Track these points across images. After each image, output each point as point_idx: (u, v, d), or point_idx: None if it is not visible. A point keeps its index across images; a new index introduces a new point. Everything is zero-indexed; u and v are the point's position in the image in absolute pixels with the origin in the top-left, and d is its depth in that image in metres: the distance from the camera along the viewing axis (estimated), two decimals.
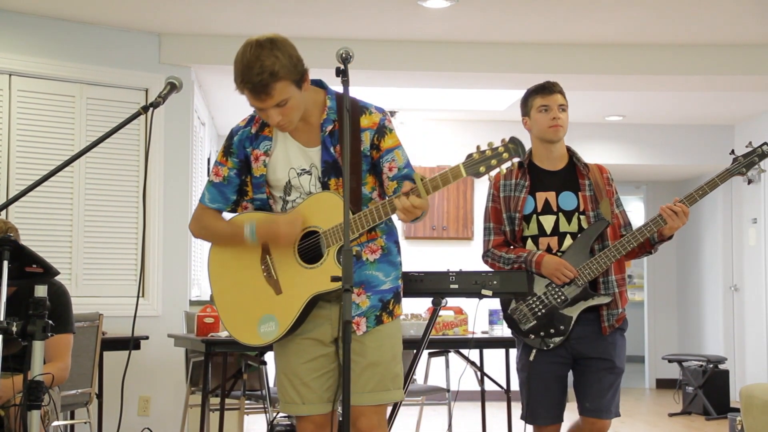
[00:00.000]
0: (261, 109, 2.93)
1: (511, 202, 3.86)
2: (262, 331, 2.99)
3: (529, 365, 3.84)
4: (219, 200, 3.12)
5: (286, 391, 3.06)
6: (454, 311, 5.71)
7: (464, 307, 5.71)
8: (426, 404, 6.63)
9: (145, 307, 6.52)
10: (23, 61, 6.20)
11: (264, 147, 3.05)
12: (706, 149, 10.24)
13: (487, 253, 3.94)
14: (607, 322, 3.79)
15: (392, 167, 3.03)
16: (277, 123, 2.93)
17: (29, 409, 2.93)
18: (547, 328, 3.79)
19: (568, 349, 3.81)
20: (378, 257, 3.05)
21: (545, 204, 3.85)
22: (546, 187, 3.87)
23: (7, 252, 3.01)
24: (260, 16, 6.31)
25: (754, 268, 9.83)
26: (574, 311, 3.78)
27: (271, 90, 2.86)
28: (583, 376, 3.85)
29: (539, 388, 3.84)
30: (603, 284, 3.80)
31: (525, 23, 6.56)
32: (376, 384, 3.00)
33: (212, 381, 5.49)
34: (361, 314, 3.00)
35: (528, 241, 3.86)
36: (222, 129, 9.91)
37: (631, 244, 3.75)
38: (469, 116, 9.79)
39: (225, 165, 3.10)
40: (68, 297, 4.16)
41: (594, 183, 3.86)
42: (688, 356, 9.50)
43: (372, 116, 3.05)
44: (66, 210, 6.31)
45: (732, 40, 6.92)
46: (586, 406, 3.82)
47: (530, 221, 3.85)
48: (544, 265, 3.76)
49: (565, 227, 3.83)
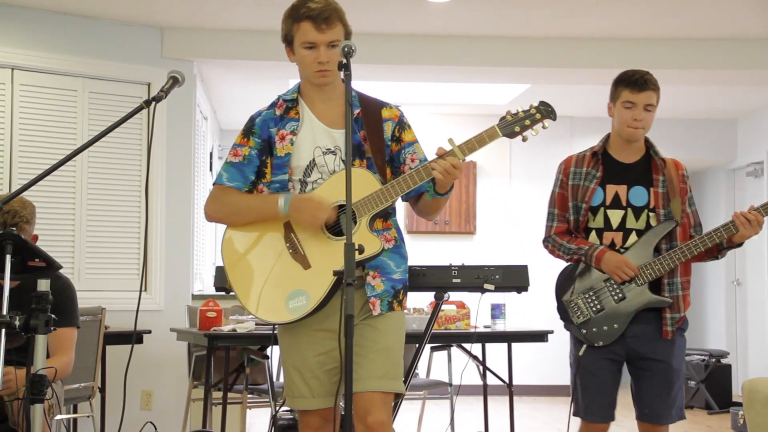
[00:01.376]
0: (312, 46, 2.97)
1: (579, 191, 3.75)
2: (291, 306, 2.95)
3: (578, 360, 3.73)
4: (238, 179, 3.08)
5: (295, 385, 3.04)
6: (456, 305, 5.71)
7: (467, 301, 5.71)
8: (428, 398, 6.64)
9: (148, 301, 6.52)
10: (25, 55, 6.19)
11: (290, 127, 3.06)
12: (709, 144, 10.23)
13: (548, 239, 3.84)
14: (669, 327, 3.67)
15: (414, 158, 3.09)
16: (324, 64, 2.96)
17: (32, 403, 2.93)
18: (601, 325, 3.68)
19: (623, 346, 3.68)
20: (391, 246, 3.07)
21: (615, 197, 3.72)
22: (618, 179, 3.73)
23: (9, 246, 3.01)
24: (263, 10, 6.31)
25: (756, 263, 9.82)
26: (631, 311, 3.66)
27: (332, 23, 2.96)
28: (640, 379, 3.72)
29: (589, 385, 3.71)
30: (668, 285, 3.68)
31: (527, 17, 6.55)
32: (387, 370, 2.98)
33: (215, 375, 5.50)
34: (377, 296, 3.01)
35: (592, 234, 3.75)
36: (224, 123, 9.91)
37: (698, 248, 3.64)
38: (472, 110, 9.78)
39: (245, 145, 3.09)
40: (73, 291, 4.16)
41: (668, 179, 3.72)
42: (690, 350, 9.47)
43: (392, 110, 3.13)
44: (68, 204, 6.31)
45: (735, 34, 6.91)
46: (645, 412, 3.70)
47: (597, 213, 3.72)
48: (604, 261, 3.65)
49: (632, 224, 3.70)
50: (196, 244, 7.23)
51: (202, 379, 5.74)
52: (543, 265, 5.49)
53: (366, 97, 3.14)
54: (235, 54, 6.94)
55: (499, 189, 10.08)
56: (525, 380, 9.03)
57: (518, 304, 7.43)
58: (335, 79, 3.07)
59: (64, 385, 4.61)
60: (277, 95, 3.16)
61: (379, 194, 2.96)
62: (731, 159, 10.21)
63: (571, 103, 9.31)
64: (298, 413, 3.13)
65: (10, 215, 3.90)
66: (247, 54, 6.93)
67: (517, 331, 5.85)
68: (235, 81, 7.91)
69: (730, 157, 10.23)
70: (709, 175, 10.81)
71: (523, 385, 8.70)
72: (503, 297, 6.46)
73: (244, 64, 7.17)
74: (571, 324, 3.76)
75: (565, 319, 3.80)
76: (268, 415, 5.69)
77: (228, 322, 5.42)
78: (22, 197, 3.78)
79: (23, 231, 3.95)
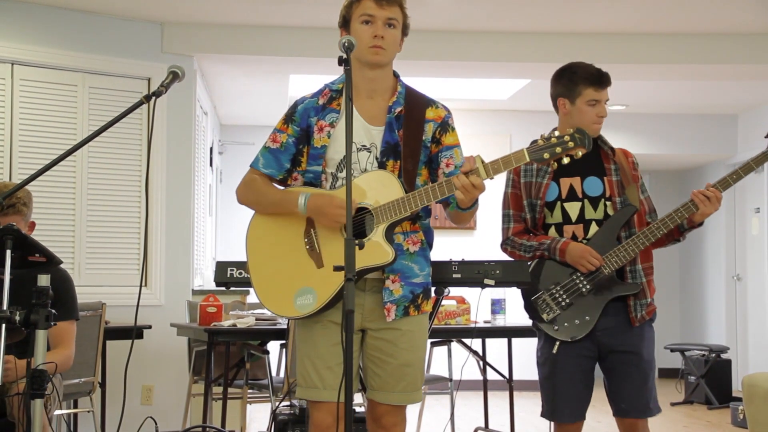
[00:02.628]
0: (370, 20, 2.98)
1: (533, 188, 3.70)
2: (298, 303, 2.95)
3: (552, 358, 3.65)
4: (273, 166, 3.08)
5: (308, 375, 3.02)
6: (456, 301, 5.72)
7: (467, 296, 5.71)
8: (428, 393, 6.64)
9: (148, 296, 6.52)
10: (25, 50, 6.19)
11: (330, 119, 3.05)
12: (710, 139, 10.23)
13: (507, 241, 3.78)
14: (635, 314, 3.62)
15: (450, 163, 3.06)
16: (379, 39, 2.96)
17: (32, 398, 2.93)
18: (572, 319, 3.62)
19: (594, 341, 3.62)
20: (417, 249, 3.06)
21: (570, 190, 3.67)
22: (570, 172, 3.63)
23: (9, 241, 3.00)
24: (262, 5, 6.30)
25: (756, 258, 9.83)
26: (600, 301, 3.60)
27: (394, 2, 2.98)
28: (613, 374, 3.65)
29: (565, 383, 3.63)
30: (630, 273, 3.63)
31: (528, 13, 6.55)
32: (407, 385, 3.01)
33: (215, 370, 5.50)
34: (393, 301, 2.99)
35: (551, 229, 3.69)
36: (224, 118, 9.91)
37: (660, 230, 3.60)
38: (473, 105, 9.78)
39: (284, 132, 3.08)
40: (72, 283, 4.15)
41: (620, 167, 3.69)
42: (690, 346, 9.50)
43: (438, 110, 3.10)
44: (69, 199, 6.31)
45: (735, 28, 6.90)
46: (622, 407, 3.63)
47: (554, 208, 3.68)
48: (568, 253, 3.59)
49: (591, 214, 3.65)
50: (196, 239, 7.23)
51: (203, 375, 5.74)
52: None
53: (414, 94, 3.11)
54: (235, 49, 6.94)
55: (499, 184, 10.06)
56: (525, 375, 8.99)
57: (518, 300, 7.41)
58: (385, 71, 3.05)
59: (64, 380, 4.61)
60: (324, 84, 3.13)
61: (400, 203, 2.92)
62: (732, 154, 10.20)
63: None
64: (310, 408, 3.12)
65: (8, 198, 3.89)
66: (248, 49, 6.92)
67: (518, 327, 5.85)
68: (235, 76, 7.90)
69: (730, 152, 10.23)
70: (710, 171, 10.80)
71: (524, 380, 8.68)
72: (503, 292, 6.46)
73: (244, 59, 7.17)
74: (541, 321, 3.70)
75: (534, 318, 3.74)
76: (269, 411, 5.69)
77: (228, 317, 5.43)
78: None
79: (20, 213, 3.95)
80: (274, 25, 6.72)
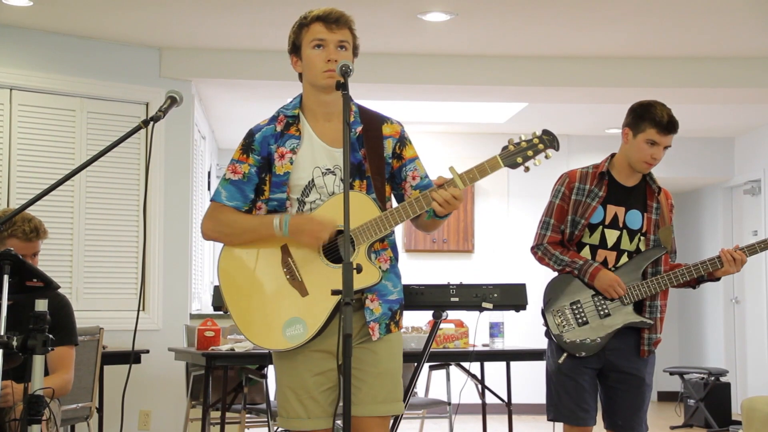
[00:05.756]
0: (321, 44, 2.97)
1: (581, 207, 3.86)
2: (289, 334, 2.92)
3: (558, 367, 3.86)
4: (238, 198, 3.03)
5: (290, 405, 2.99)
6: (454, 324, 5.70)
7: (465, 320, 5.70)
8: (427, 417, 6.62)
9: (146, 320, 6.52)
10: (24, 76, 6.21)
11: (290, 145, 3.02)
12: (706, 162, 10.24)
13: (539, 247, 3.94)
14: (646, 346, 3.85)
15: (415, 176, 3.08)
16: (332, 62, 2.94)
17: (29, 424, 2.92)
18: (585, 337, 3.81)
19: (601, 358, 3.83)
20: (389, 267, 3.05)
21: (614, 218, 3.86)
22: (618, 201, 3.87)
23: (7, 266, 3.00)
24: (260, 29, 6.33)
25: (755, 281, 9.82)
26: (614, 326, 3.81)
27: (343, 24, 2.99)
28: (614, 392, 3.87)
29: (572, 390, 3.83)
30: (649, 307, 3.86)
31: (525, 36, 6.58)
32: (387, 394, 2.98)
33: (213, 394, 5.48)
34: (376, 320, 2.98)
35: (585, 249, 3.88)
36: (222, 143, 9.92)
37: (684, 277, 3.83)
38: (469, 129, 9.79)
39: (245, 162, 3.04)
40: (71, 309, 4.15)
41: (660, 207, 3.91)
42: (689, 369, 9.48)
43: (393, 126, 3.12)
44: (67, 224, 6.31)
45: (732, 52, 6.94)
46: (618, 423, 3.85)
47: (594, 231, 3.86)
48: (599, 279, 3.79)
49: (626, 245, 3.86)
50: (194, 263, 7.22)
51: (200, 399, 5.73)
52: (541, 284, 5.48)
53: (367, 111, 3.11)
54: (233, 73, 6.96)
55: (497, 207, 10.09)
56: (524, 399, 8.99)
57: (516, 323, 7.42)
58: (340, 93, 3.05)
59: (62, 406, 4.59)
60: (278, 109, 3.12)
61: (378, 222, 2.92)
62: (729, 177, 10.22)
63: (568, 121, 9.33)
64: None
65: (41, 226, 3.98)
66: (245, 73, 6.95)
67: (516, 350, 5.85)
68: (233, 100, 7.92)
69: (727, 174, 10.24)
70: (707, 193, 10.82)
71: (522, 403, 8.67)
72: (502, 315, 6.45)
73: (242, 84, 7.19)
74: (554, 332, 3.87)
75: (548, 325, 3.90)
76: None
77: (226, 341, 5.42)
78: (25, 212, 3.79)
79: (44, 237, 4.06)
80: (272, 49, 6.75)
